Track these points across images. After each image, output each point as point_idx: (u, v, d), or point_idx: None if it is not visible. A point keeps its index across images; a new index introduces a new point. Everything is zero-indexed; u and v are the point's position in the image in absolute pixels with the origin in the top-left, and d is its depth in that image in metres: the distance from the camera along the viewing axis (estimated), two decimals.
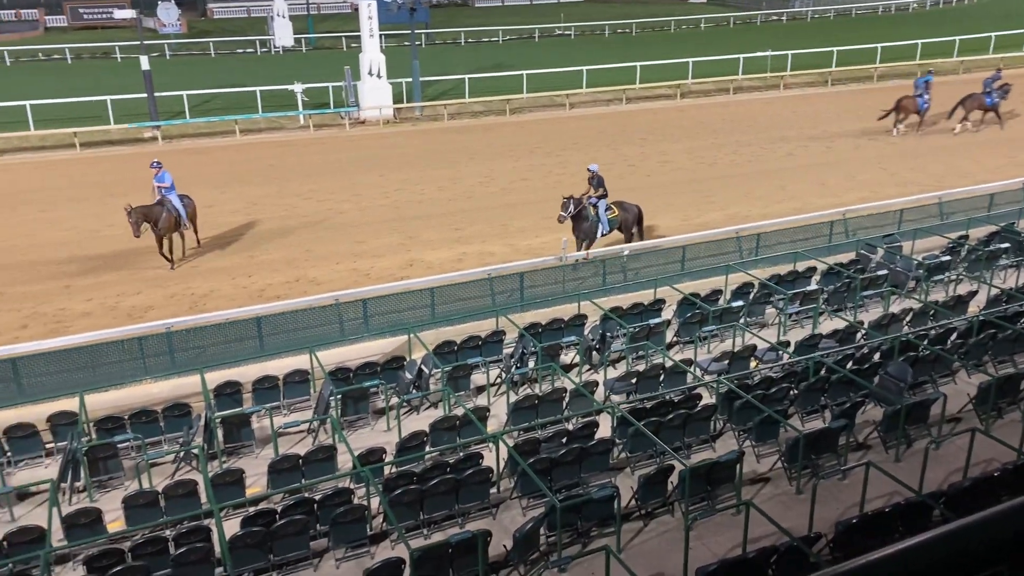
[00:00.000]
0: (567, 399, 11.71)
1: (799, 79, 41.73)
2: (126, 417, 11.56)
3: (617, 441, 10.44)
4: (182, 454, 11.17)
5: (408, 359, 13.40)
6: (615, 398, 12.00)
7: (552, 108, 37.25)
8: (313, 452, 10.40)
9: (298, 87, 33.98)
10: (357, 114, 34.58)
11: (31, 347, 13.46)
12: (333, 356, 13.42)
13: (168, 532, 9.01)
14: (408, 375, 12.78)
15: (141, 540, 8.75)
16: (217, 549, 8.67)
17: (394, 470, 10.04)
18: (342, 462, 10.57)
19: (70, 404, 11.75)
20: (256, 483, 10.42)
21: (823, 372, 11.56)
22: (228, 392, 12.36)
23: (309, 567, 8.89)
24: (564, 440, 10.33)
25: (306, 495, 9.53)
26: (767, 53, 42.45)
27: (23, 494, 10.56)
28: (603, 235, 17.90)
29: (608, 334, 13.73)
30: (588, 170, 18.20)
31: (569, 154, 28.70)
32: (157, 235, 18.20)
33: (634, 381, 12.10)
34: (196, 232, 19.66)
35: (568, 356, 13.82)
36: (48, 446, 11.52)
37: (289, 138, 32.31)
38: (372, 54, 33.93)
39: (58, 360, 13.04)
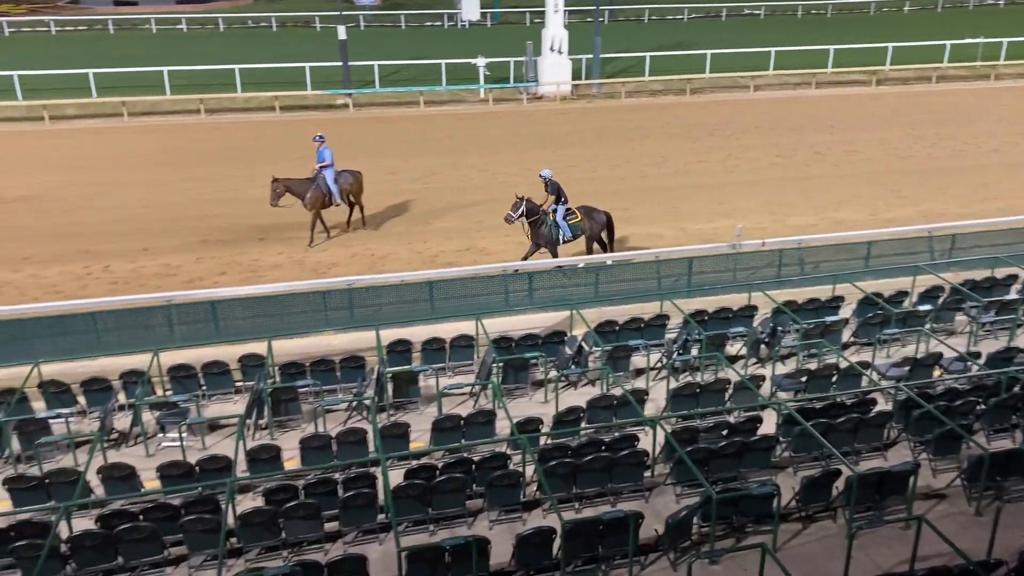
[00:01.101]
0: (730, 391, 11.43)
1: (1014, 69, 38.03)
2: (307, 365, 12.38)
3: (781, 439, 10.09)
4: (355, 404, 11.86)
5: (569, 335, 13.51)
6: (782, 395, 11.58)
7: (735, 90, 36.05)
8: (474, 415, 10.74)
9: (481, 61, 34.72)
10: (535, 89, 34.92)
11: (228, 292, 14.67)
12: (497, 325, 13.74)
13: (338, 475, 9.62)
14: (568, 350, 12.90)
15: (313, 479, 9.41)
16: (381, 496, 9.18)
17: (550, 442, 10.21)
18: (500, 428, 10.85)
19: (259, 348, 12.72)
20: (419, 438, 10.90)
21: (1017, 389, 10.62)
22: (399, 350, 12.96)
23: (464, 524, 9.23)
24: (725, 432, 10.10)
25: (465, 455, 9.87)
26: (978, 40, 38.96)
27: (214, 425, 11.59)
28: (565, 241, 16.63)
29: (779, 328, 13.24)
30: (540, 177, 16.74)
31: (749, 138, 27.71)
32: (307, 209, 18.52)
33: (804, 379, 11.62)
34: (362, 210, 19.77)
35: (734, 347, 13.45)
36: (237, 384, 12.55)
37: (469, 111, 33.14)
38: (555, 29, 34.08)
39: (251, 306, 14.13)
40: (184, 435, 10.91)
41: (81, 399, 11.93)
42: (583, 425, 10.70)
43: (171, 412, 11.28)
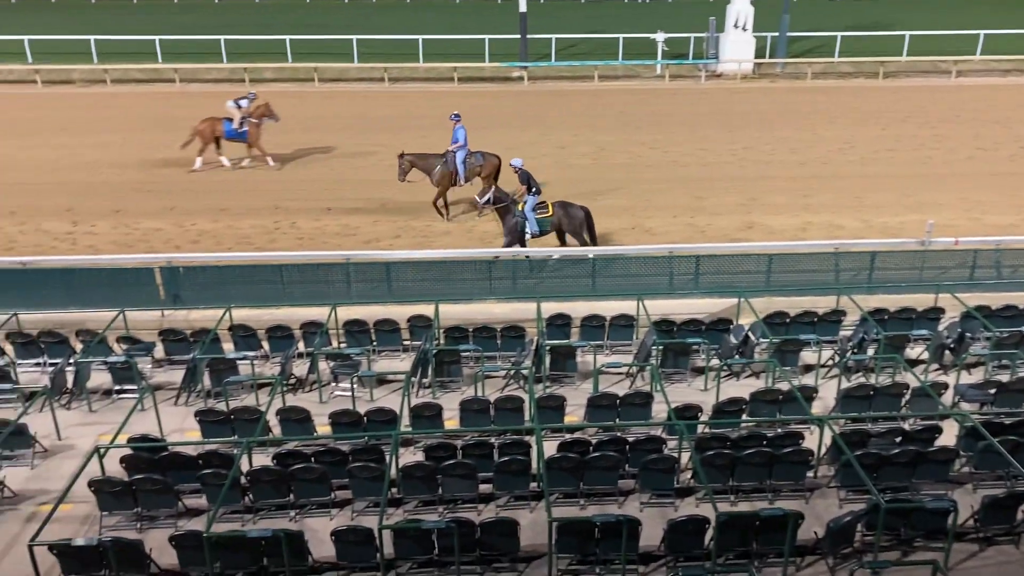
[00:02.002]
0: (907, 396, 10.73)
1: None
2: (470, 330, 12.74)
3: (962, 453, 9.39)
4: (513, 372, 12.10)
5: (735, 323, 13.11)
6: (966, 406, 10.75)
7: (934, 75, 33.41)
8: (630, 395, 10.68)
9: (660, 36, 34.01)
10: (715, 67, 33.84)
11: (402, 255, 15.30)
12: (659, 307, 13.54)
13: (494, 439, 9.86)
14: (733, 339, 12.53)
15: (472, 441, 9.70)
16: (534, 465, 9.34)
17: (708, 430, 10.00)
18: (656, 411, 10.73)
19: (427, 310, 13.21)
20: (574, 413, 10.97)
21: None
22: (559, 324, 13.07)
23: (614, 502, 9.24)
24: (898, 439, 9.51)
25: (619, 435, 9.85)
26: None
27: (382, 379, 12.18)
28: (533, 236, 15.77)
29: (968, 334, 12.26)
30: (511, 166, 16.11)
31: (947, 127, 25.65)
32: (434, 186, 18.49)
33: (993, 391, 10.73)
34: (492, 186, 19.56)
35: (915, 351, 12.60)
36: (405, 343, 13.11)
37: (643, 87, 32.62)
38: (741, 5, 32.81)
39: (421, 270, 14.68)
40: (355, 386, 11.53)
41: (265, 344, 12.86)
42: (744, 417, 10.39)
43: (344, 363, 11.94)
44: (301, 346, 12.82)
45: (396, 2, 54.40)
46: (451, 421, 10.71)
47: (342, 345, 12.95)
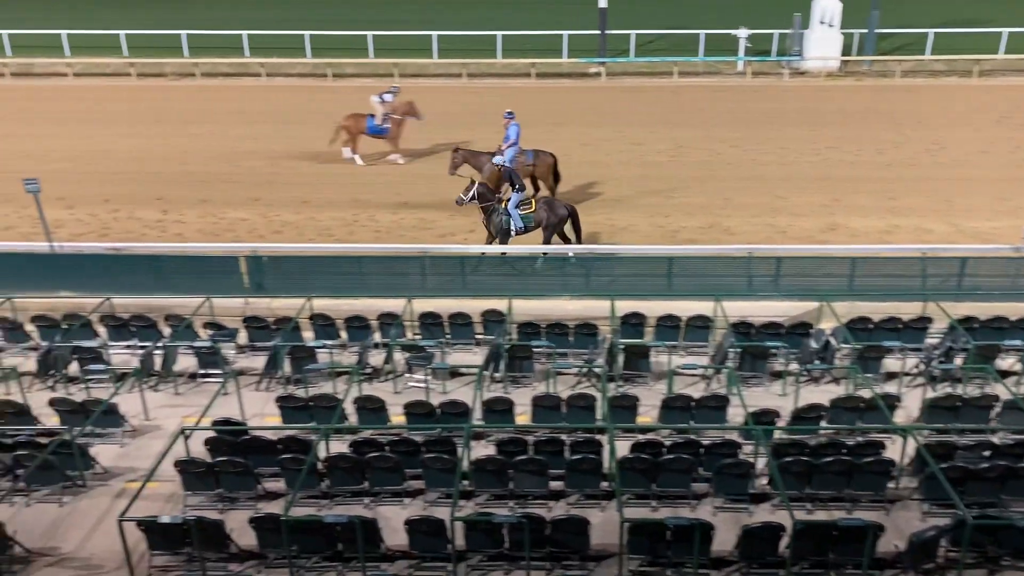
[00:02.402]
0: (998, 409, 10.30)
1: None
2: (543, 326, 12.76)
3: None
4: (585, 370, 12.07)
5: (815, 328, 12.79)
6: None
7: None
8: (706, 398, 10.54)
9: (742, 32, 33.33)
10: (799, 64, 33.00)
11: (477, 249, 15.41)
12: (737, 309, 13.31)
13: (565, 437, 9.86)
14: (814, 344, 12.22)
15: (543, 437, 9.72)
16: (606, 464, 9.31)
17: (785, 436, 9.79)
18: (732, 415, 10.56)
19: (500, 305, 13.29)
20: (647, 413, 10.88)
21: None
22: (633, 323, 12.97)
23: (687, 506, 9.14)
24: (987, 453, 9.15)
25: (693, 437, 9.72)
26: None
27: (455, 372, 12.30)
28: (517, 232, 15.61)
29: None
30: (494, 164, 16.63)
31: None
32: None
33: None
34: (552, 192, 18.79)
35: (1006, 361, 12.08)
36: (478, 336, 13.21)
37: (724, 84, 32.05)
38: (827, 1, 31.90)
39: (495, 265, 14.78)
40: (428, 378, 11.68)
41: (343, 333, 13.14)
42: (824, 424, 10.14)
43: (419, 355, 12.10)
44: (377, 336, 13.05)
45: None
46: (522, 416, 10.75)
47: (416, 337, 13.12)
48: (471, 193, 15.54)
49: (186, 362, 12.42)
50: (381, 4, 52.16)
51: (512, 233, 15.67)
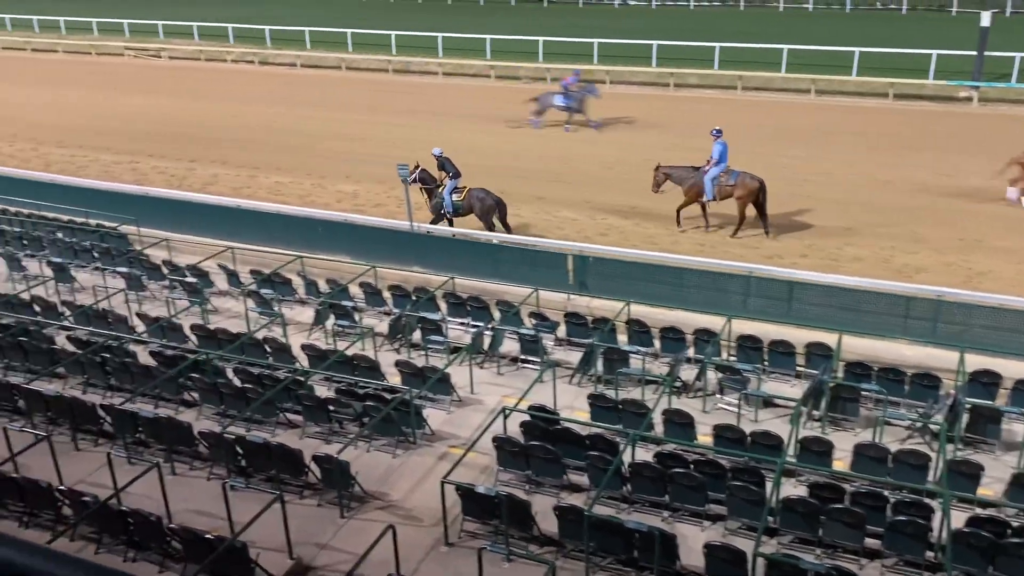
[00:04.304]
0: None
1: None
2: (875, 368, 11.74)
3: None
4: (920, 424, 10.91)
5: None
6: None
7: None
8: None
9: None
10: None
11: (808, 276, 14.59)
12: None
13: (888, 493, 8.99)
14: None
15: (863, 489, 8.95)
16: (935, 533, 8.35)
17: None
18: None
19: (827, 338, 12.45)
20: (989, 486, 9.58)
21: None
22: (984, 381, 11.46)
23: None
24: None
25: None
26: None
27: (769, 402, 11.77)
28: (449, 215, 17.91)
29: None
30: (432, 154, 18.13)
31: None
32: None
33: None
34: (763, 216, 17.92)
35: None
36: (799, 368, 12.51)
37: None
38: None
39: (827, 294, 13.87)
40: (741, 403, 11.31)
41: (657, 343, 13.17)
42: None
43: (733, 378, 11.76)
44: (691, 351, 12.90)
45: (835, 13, 51.80)
46: (839, 462, 9.99)
47: (732, 358, 12.76)
48: (414, 176, 17.67)
49: (510, 346, 13.25)
50: (733, 16, 51.46)
51: (445, 214, 17.88)
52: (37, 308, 14.55)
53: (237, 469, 10.18)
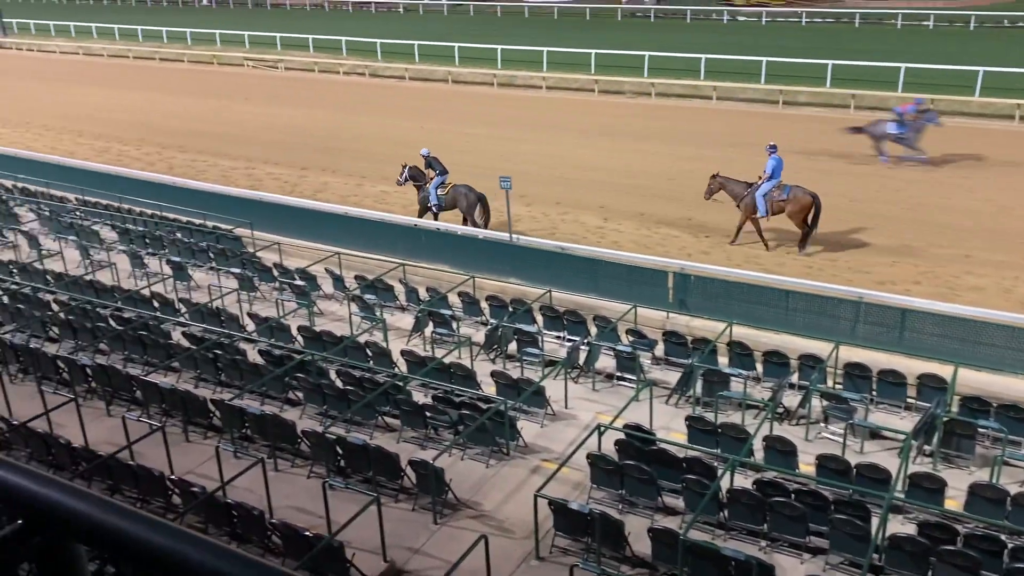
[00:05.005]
0: None
1: None
2: (994, 405, 11.10)
3: None
4: None
5: None
6: None
7: None
8: None
9: None
10: None
11: (923, 304, 13.93)
12: None
13: (1006, 538, 8.48)
14: None
15: (978, 532, 8.47)
16: None
17: None
18: None
19: (941, 370, 11.87)
20: None
21: None
22: None
23: None
24: None
25: None
26: None
27: (875, 433, 11.28)
28: (434, 208, 19.07)
29: None
30: (420, 155, 19.34)
31: None
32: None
33: None
34: (807, 234, 17.65)
35: None
36: (909, 400, 11.95)
37: None
38: None
39: (942, 324, 13.22)
40: (846, 433, 10.88)
41: (759, 366, 12.82)
42: None
43: (839, 406, 11.33)
44: (795, 377, 12.50)
45: (957, 30, 49.53)
46: (952, 501, 9.48)
47: (839, 386, 12.30)
48: (404, 175, 19.33)
49: (606, 362, 13.15)
50: (848, 33, 49.93)
51: (431, 208, 19.15)
52: (156, 304, 15.35)
53: (336, 469, 10.45)
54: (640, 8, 61.07)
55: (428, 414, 11.26)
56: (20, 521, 1.41)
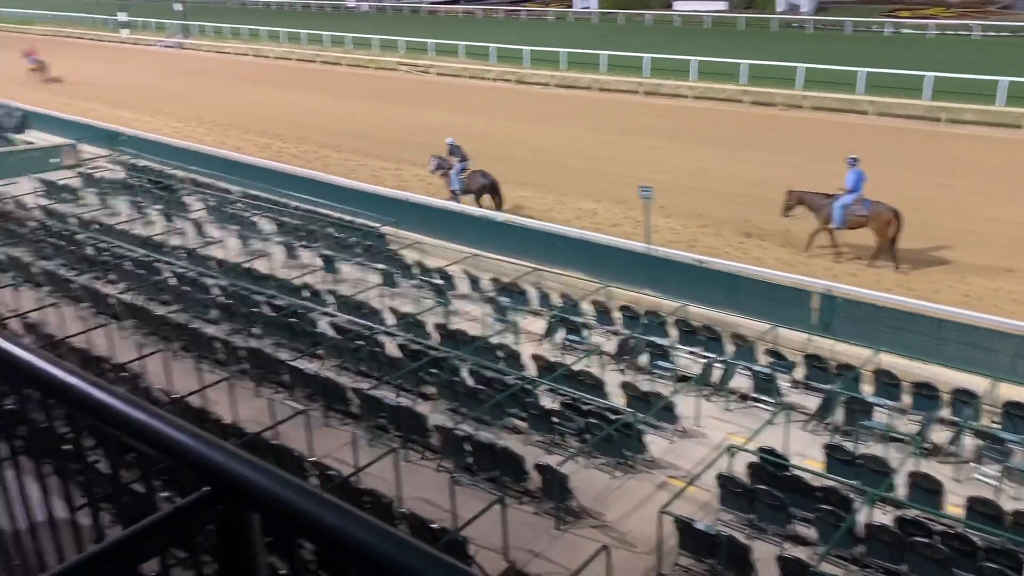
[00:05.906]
0: None
1: None
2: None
3: None
4: None
5: None
6: None
7: None
8: None
9: None
10: None
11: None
12: None
13: None
14: None
15: None
16: None
17: None
18: None
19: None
20: None
21: None
22: None
23: None
24: None
25: None
26: None
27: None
28: (456, 192, 21.30)
29: None
30: (446, 143, 21.58)
31: None
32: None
33: None
34: (891, 247, 17.42)
35: None
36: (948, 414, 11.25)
37: None
38: None
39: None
40: (1001, 476, 10.13)
41: (907, 398, 12.13)
42: None
43: (994, 447, 10.57)
44: (946, 412, 11.75)
45: None
46: None
47: (995, 425, 11.47)
48: (434, 164, 21.80)
49: (741, 382, 12.80)
50: (1018, 47, 46.40)
51: (454, 192, 21.26)
52: (306, 294, 16.19)
53: (464, 465, 10.69)
54: (796, 18, 59.02)
55: (555, 419, 11.33)
56: (207, 488, 1.55)
